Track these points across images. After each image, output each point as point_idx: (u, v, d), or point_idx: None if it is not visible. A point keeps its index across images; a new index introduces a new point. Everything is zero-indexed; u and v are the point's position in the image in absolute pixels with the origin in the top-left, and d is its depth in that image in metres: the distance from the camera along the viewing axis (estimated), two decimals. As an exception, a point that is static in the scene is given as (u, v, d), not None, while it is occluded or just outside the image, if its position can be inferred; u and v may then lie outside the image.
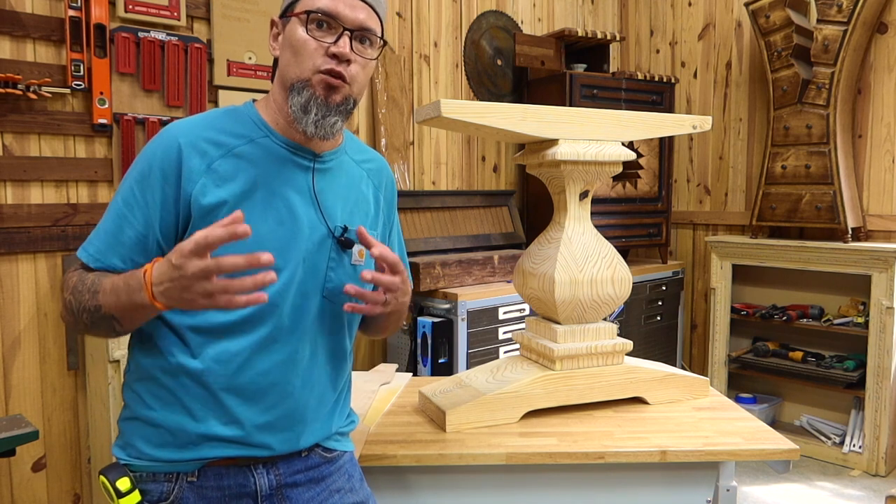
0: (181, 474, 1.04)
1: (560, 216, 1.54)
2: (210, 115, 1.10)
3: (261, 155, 1.08)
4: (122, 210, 1.03)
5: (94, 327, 1.00)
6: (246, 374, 1.04)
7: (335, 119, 1.07)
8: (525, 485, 1.36)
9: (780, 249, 3.32)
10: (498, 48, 3.71)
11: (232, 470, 1.06)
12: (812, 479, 3.05)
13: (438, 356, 2.81)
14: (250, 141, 1.08)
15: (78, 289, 1.00)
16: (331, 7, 1.05)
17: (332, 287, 1.12)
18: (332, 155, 1.15)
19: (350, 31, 1.06)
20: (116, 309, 0.96)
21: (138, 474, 1.04)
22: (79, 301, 0.99)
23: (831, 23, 3.14)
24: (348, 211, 1.16)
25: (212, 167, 1.04)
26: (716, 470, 1.38)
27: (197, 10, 2.63)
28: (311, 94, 1.05)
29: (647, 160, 3.69)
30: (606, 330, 1.53)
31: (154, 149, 1.05)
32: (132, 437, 1.06)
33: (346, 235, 1.13)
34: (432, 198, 3.27)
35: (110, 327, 0.99)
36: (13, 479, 2.32)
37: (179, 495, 1.04)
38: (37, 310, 2.35)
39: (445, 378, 1.63)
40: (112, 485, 1.01)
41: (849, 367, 3.16)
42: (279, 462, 1.09)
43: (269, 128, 1.10)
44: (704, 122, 1.58)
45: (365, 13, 1.07)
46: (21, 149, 2.29)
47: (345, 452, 1.20)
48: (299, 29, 1.06)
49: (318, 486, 1.13)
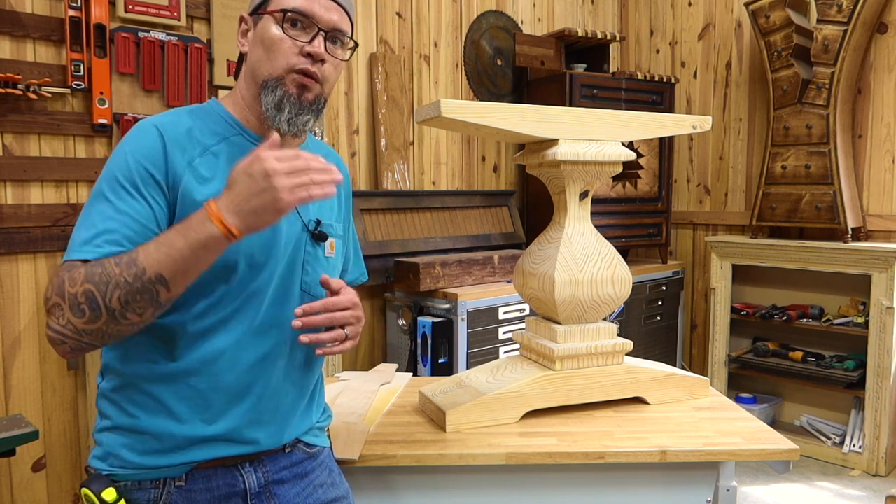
0: (168, 479, 1.03)
1: (560, 216, 1.54)
2: (178, 111, 1.09)
3: (236, 153, 1.07)
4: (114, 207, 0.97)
5: (125, 309, 0.91)
6: (231, 372, 1.05)
7: (308, 117, 1.08)
8: (525, 485, 1.36)
9: (780, 249, 3.32)
10: (498, 48, 3.71)
11: (220, 471, 1.06)
12: (812, 479, 3.05)
13: (438, 356, 2.81)
14: (224, 139, 1.08)
15: (96, 272, 0.91)
16: (306, 7, 1.05)
17: (309, 280, 1.14)
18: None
19: (325, 32, 1.07)
20: (169, 263, 0.89)
21: (123, 484, 1.03)
22: (105, 281, 0.90)
23: (831, 23, 3.14)
24: (317, 205, 1.18)
25: (192, 164, 1.03)
26: (716, 470, 1.38)
27: (197, 10, 2.63)
28: (284, 92, 1.05)
29: (647, 160, 3.69)
30: (606, 330, 1.53)
31: (136, 144, 1.01)
32: (113, 447, 1.04)
33: (320, 229, 1.15)
34: (432, 198, 3.27)
35: (151, 298, 0.91)
36: (13, 479, 2.32)
37: (168, 500, 1.03)
38: (37, 310, 2.35)
39: (445, 378, 1.63)
40: (97, 496, 0.99)
41: (849, 367, 3.16)
42: (265, 459, 1.10)
43: (241, 125, 1.11)
44: (704, 122, 1.58)
45: (338, 14, 1.09)
46: (21, 149, 2.29)
47: (324, 448, 1.22)
48: (273, 27, 1.06)
49: (302, 482, 1.14)
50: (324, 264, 1.16)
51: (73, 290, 0.91)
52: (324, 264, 1.16)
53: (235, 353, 1.05)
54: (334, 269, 1.20)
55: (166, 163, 1.01)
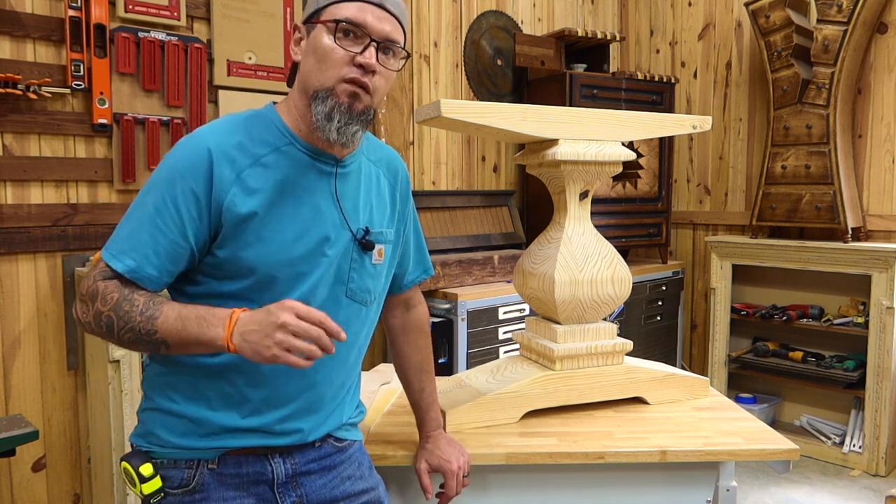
0: (202, 461, 1.08)
1: (560, 216, 1.54)
2: (234, 120, 1.10)
3: (286, 163, 1.08)
4: (154, 219, 1.02)
5: (131, 345, 1.01)
6: (268, 370, 1.07)
7: (356, 128, 1.08)
8: (525, 485, 1.36)
9: (780, 249, 3.32)
10: (498, 48, 3.71)
11: (251, 458, 1.10)
12: (812, 479, 3.05)
13: (438, 356, 2.81)
14: (276, 149, 1.09)
15: (124, 308, 0.99)
16: (359, 17, 1.05)
17: (354, 287, 1.16)
18: (351, 158, 1.16)
19: (376, 42, 1.06)
20: (176, 337, 0.98)
21: (159, 461, 1.08)
22: (125, 321, 0.99)
23: (831, 23, 3.14)
24: (368, 212, 1.18)
25: (241, 176, 1.04)
26: (716, 470, 1.38)
27: (197, 10, 2.63)
28: (335, 103, 1.05)
29: (647, 160, 3.69)
30: (606, 330, 1.53)
31: (183, 156, 1.04)
32: (153, 427, 1.09)
33: (368, 237, 1.16)
34: (432, 198, 3.27)
35: (154, 349, 1.00)
36: (13, 479, 2.32)
37: (200, 481, 1.08)
38: (37, 310, 2.35)
39: (445, 378, 1.63)
40: (136, 470, 1.05)
41: (849, 367, 3.16)
42: (294, 452, 1.14)
43: (294, 134, 1.11)
44: (704, 122, 1.58)
45: (391, 25, 1.08)
46: (21, 149, 2.29)
47: (355, 441, 1.24)
48: (325, 37, 1.06)
49: (329, 474, 1.17)
50: (370, 272, 1.18)
51: (102, 308, 1.00)
52: (370, 272, 1.18)
53: None
54: (381, 276, 1.21)
55: (211, 180, 1.03)
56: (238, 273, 1.05)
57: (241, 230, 1.04)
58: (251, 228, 1.04)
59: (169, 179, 1.03)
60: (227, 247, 1.04)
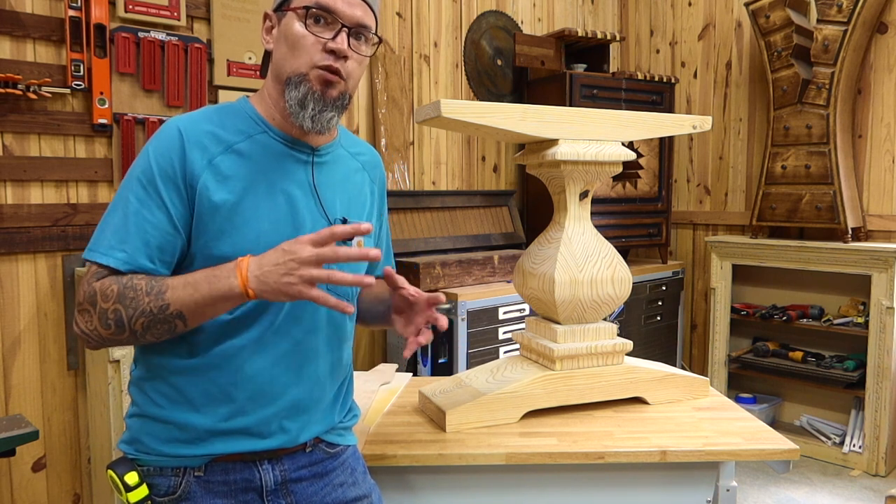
0: (188, 469, 1.06)
1: (560, 216, 1.54)
2: (207, 110, 1.10)
3: (259, 151, 1.08)
4: (139, 211, 1.01)
5: (146, 331, 0.98)
6: (251, 368, 1.06)
7: (331, 114, 1.08)
8: (525, 485, 1.36)
9: (780, 249, 3.32)
10: (498, 48, 3.71)
11: (238, 465, 1.08)
12: (812, 479, 3.05)
13: (438, 356, 2.81)
14: (248, 137, 1.08)
15: (128, 296, 0.97)
16: (329, 3, 1.05)
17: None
18: (328, 148, 1.16)
19: (348, 28, 1.06)
20: (191, 304, 0.96)
21: (146, 468, 1.06)
22: (133, 307, 0.96)
23: (831, 23, 3.14)
24: (346, 203, 1.17)
25: (213, 163, 1.04)
26: (716, 470, 1.38)
27: (197, 10, 2.63)
28: (308, 89, 1.05)
29: (647, 160, 3.69)
30: (606, 330, 1.53)
31: (158, 144, 1.04)
32: (139, 433, 1.07)
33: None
34: (432, 198, 3.27)
35: (169, 329, 0.98)
36: (13, 479, 2.32)
37: (187, 489, 1.05)
38: (37, 310, 2.35)
39: (445, 378, 1.63)
40: (121, 479, 1.03)
41: (849, 367, 3.16)
42: (283, 457, 1.11)
43: (267, 123, 1.11)
44: (704, 122, 1.58)
45: (361, 10, 1.08)
46: (21, 149, 2.29)
47: (348, 447, 1.22)
48: (296, 23, 1.06)
49: (321, 481, 1.15)
50: (350, 263, 1.15)
51: (105, 305, 0.97)
52: (350, 263, 1.15)
53: (256, 350, 1.06)
54: (360, 267, 1.20)
55: (184, 162, 1.02)
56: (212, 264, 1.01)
57: (216, 218, 1.02)
58: (225, 216, 1.03)
59: (147, 170, 1.02)
60: (200, 237, 1.03)
